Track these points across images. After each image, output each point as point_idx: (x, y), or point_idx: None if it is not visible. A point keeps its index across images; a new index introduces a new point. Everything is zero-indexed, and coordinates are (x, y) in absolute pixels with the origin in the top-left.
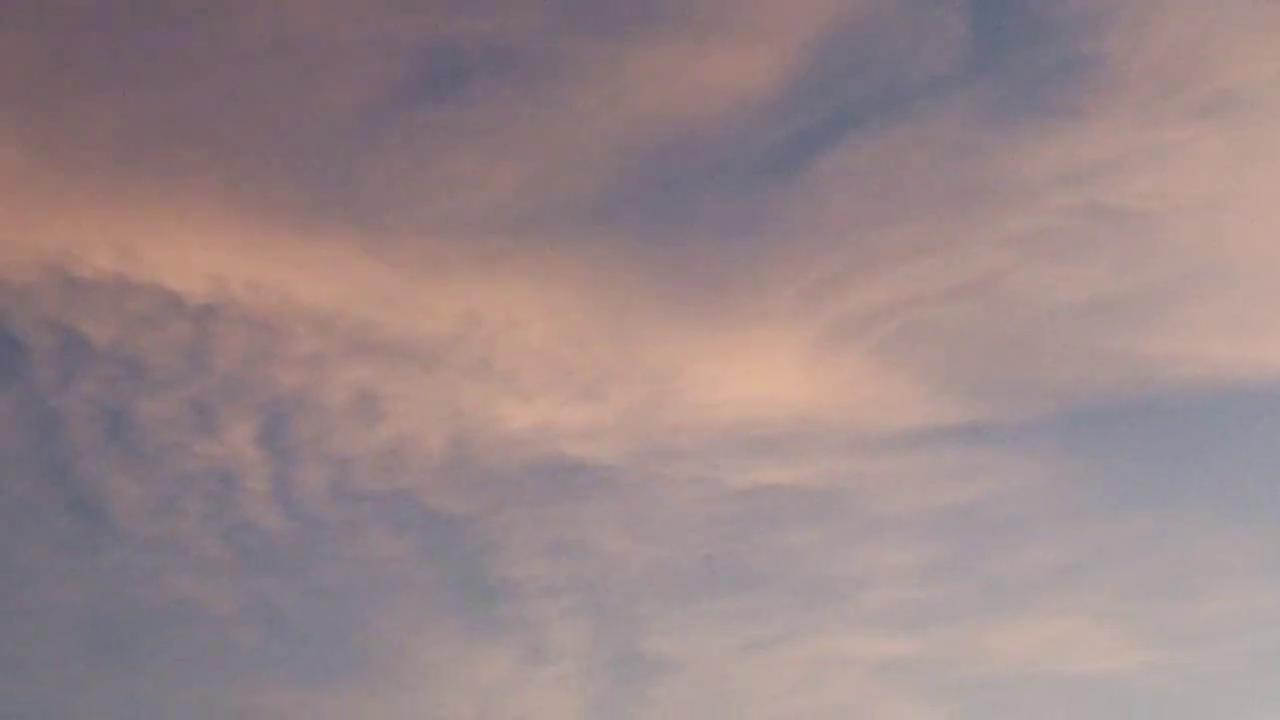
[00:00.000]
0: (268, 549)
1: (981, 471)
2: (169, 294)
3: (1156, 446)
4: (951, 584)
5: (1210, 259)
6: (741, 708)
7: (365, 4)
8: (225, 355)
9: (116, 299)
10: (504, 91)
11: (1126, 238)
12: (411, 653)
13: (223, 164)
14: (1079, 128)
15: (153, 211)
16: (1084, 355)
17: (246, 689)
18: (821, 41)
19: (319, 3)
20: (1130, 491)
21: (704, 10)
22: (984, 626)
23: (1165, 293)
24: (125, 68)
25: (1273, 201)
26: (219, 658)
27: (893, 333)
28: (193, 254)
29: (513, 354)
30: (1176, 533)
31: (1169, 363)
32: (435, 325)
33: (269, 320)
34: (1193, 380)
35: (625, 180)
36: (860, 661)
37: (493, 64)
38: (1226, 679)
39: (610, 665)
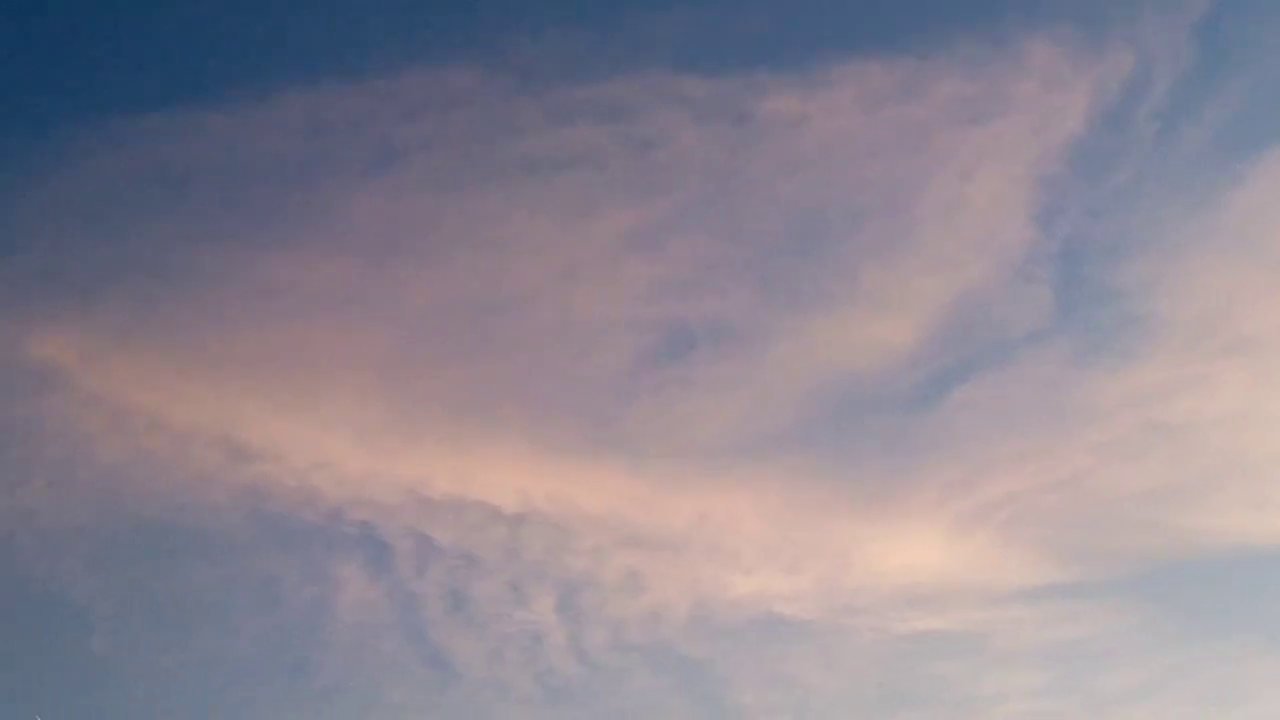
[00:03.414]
0: (566, 687)
1: (1077, 617)
2: (491, 507)
3: (1203, 596)
4: (1060, 699)
5: (1237, 458)
6: None
7: (621, 295)
8: (531, 549)
9: (455, 512)
10: (722, 353)
11: (1175, 444)
12: None
13: (526, 414)
14: (1137, 366)
15: (478, 449)
16: (1148, 530)
17: None
18: (947, 310)
19: (589, 296)
20: (1186, 629)
21: (863, 290)
22: None
23: (1204, 483)
24: (455, 348)
25: (1274, 416)
26: None
27: (1007, 517)
28: (507, 478)
29: (735, 541)
30: (1223, 656)
31: (1210, 534)
32: (680, 523)
33: (562, 523)
34: (1228, 547)
35: (811, 414)
36: None
37: (713, 334)
38: None
39: None
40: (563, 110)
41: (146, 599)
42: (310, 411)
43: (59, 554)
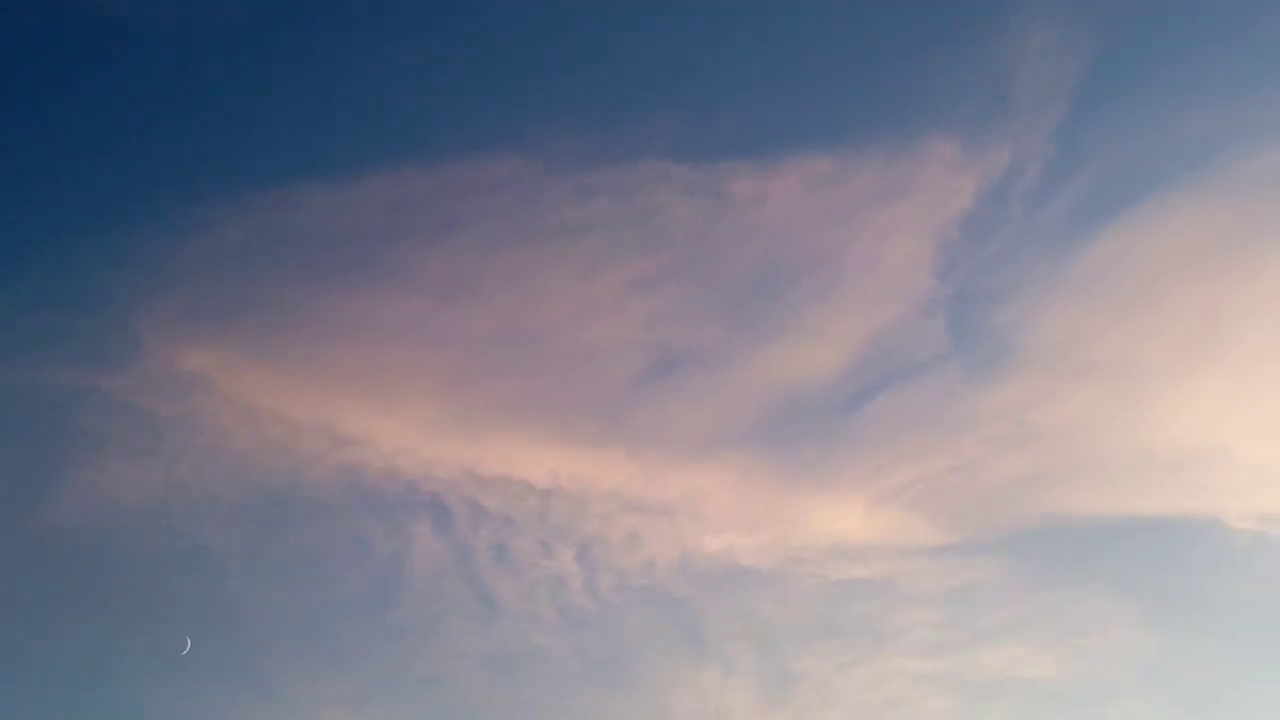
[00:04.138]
0: (582, 618)
1: (964, 569)
2: (527, 483)
3: (1057, 556)
4: (950, 632)
5: (1083, 453)
6: (838, 699)
7: (624, 327)
8: (557, 514)
9: (500, 486)
10: (699, 372)
11: (1037, 442)
12: (662, 670)
13: (553, 414)
14: (1009, 383)
15: (517, 440)
16: (1017, 506)
17: (565, 693)
18: (867, 341)
19: (600, 328)
20: (1044, 580)
21: (805, 325)
22: (973, 653)
23: (1059, 472)
24: (499, 366)
25: (1119, 423)
26: (556, 676)
27: (913, 494)
28: (539, 461)
29: (710, 509)
30: (1071, 601)
31: (1063, 509)
32: (668, 495)
33: (580, 495)
34: (1075, 519)
35: (765, 417)
36: (903, 673)
37: (693, 358)
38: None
39: (768, 677)
40: (581, 189)
41: (268, 552)
42: (392, 410)
43: (203, 518)
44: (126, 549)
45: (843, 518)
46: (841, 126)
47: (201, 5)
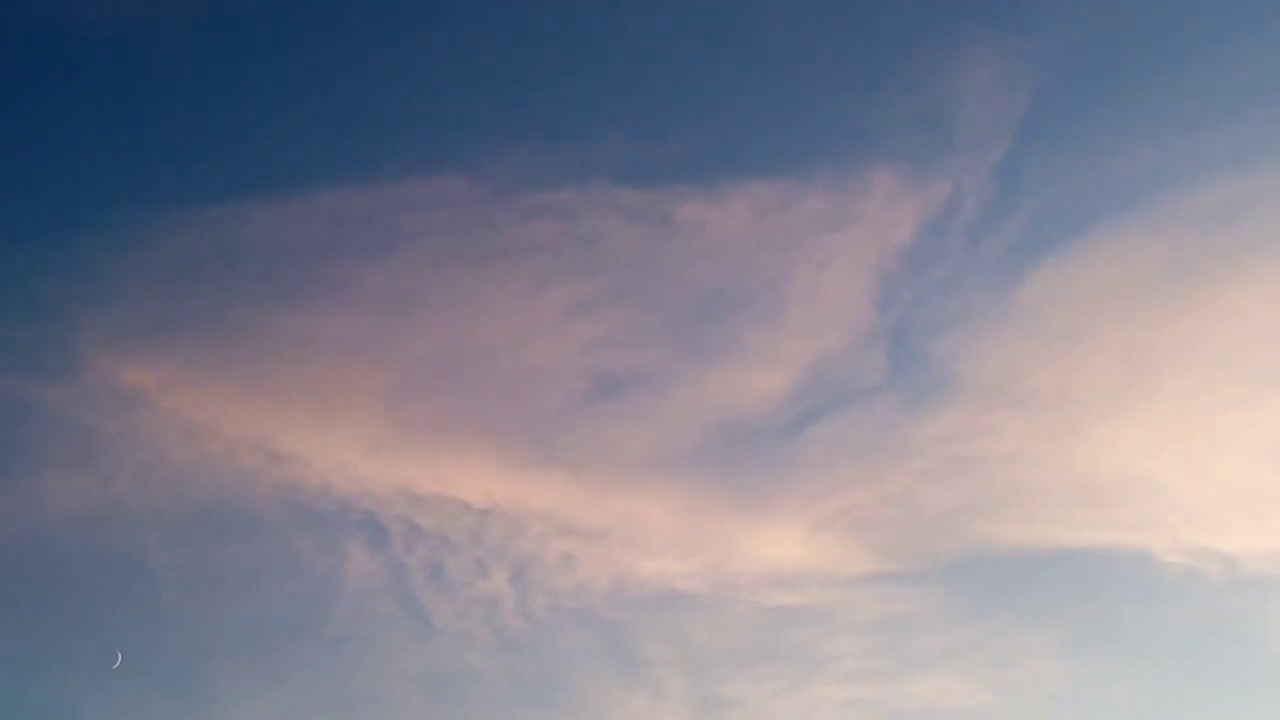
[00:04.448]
0: (515, 640)
1: (897, 598)
2: (463, 502)
3: (988, 585)
4: (882, 660)
5: (1015, 485)
6: None
7: (566, 349)
8: (492, 535)
9: (436, 505)
10: (640, 395)
11: (971, 473)
12: (593, 692)
13: (492, 435)
14: (945, 414)
15: (455, 459)
16: (950, 535)
17: (497, 713)
18: (808, 368)
19: (541, 349)
20: (974, 609)
21: (747, 351)
22: (903, 682)
23: (991, 502)
24: (440, 385)
25: (1052, 456)
26: (489, 697)
27: (849, 522)
28: (476, 481)
29: (646, 533)
30: (999, 631)
31: (994, 540)
32: (604, 519)
33: (516, 516)
34: (1006, 550)
35: (705, 441)
36: (833, 701)
37: (634, 380)
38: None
39: (699, 702)
40: (526, 211)
41: (204, 566)
42: (331, 427)
43: (140, 532)
44: (61, 561)
45: (778, 544)
46: (786, 156)
47: (147, 18)
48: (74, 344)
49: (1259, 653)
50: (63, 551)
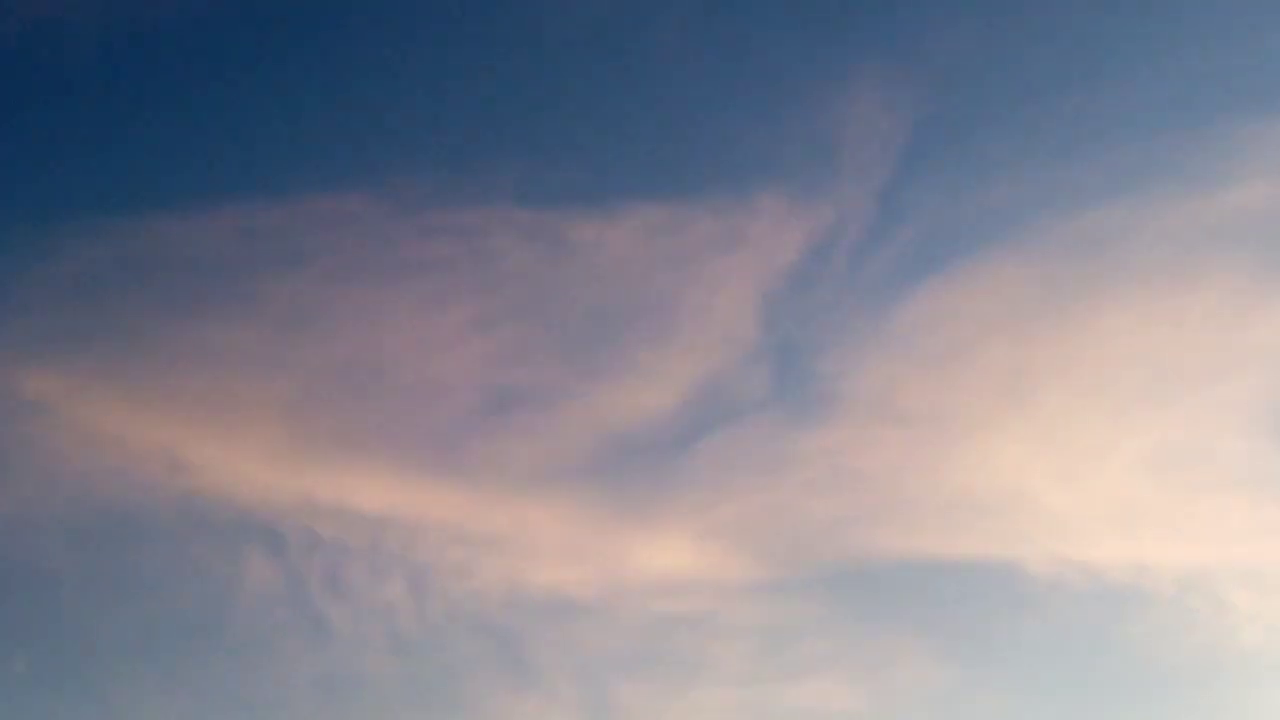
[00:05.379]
0: (411, 645)
1: (779, 605)
2: (361, 512)
3: (866, 594)
4: (764, 664)
5: (892, 498)
6: None
7: (463, 364)
8: (390, 543)
9: (335, 514)
10: (534, 409)
11: (851, 486)
12: (486, 698)
13: (391, 446)
14: (827, 428)
15: (354, 470)
16: (830, 546)
17: (391, 718)
18: (696, 385)
19: (440, 364)
20: (852, 616)
21: (637, 368)
22: (785, 686)
23: (870, 514)
24: (341, 398)
25: (928, 470)
26: (384, 701)
27: (734, 532)
28: (374, 491)
29: (539, 542)
30: (875, 637)
31: (872, 550)
32: (499, 528)
33: (413, 525)
34: (884, 560)
35: (597, 455)
36: (717, 704)
37: (529, 395)
38: (897, 709)
39: (589, 706)
40: (428, 229)
41: (103, 573)
42: (233, 437)
43: (43, 539)
44: None
45: (667, 553)
46: (678, 179)
47: (47, 28)
48: None
49: (1120, 659)
50: None
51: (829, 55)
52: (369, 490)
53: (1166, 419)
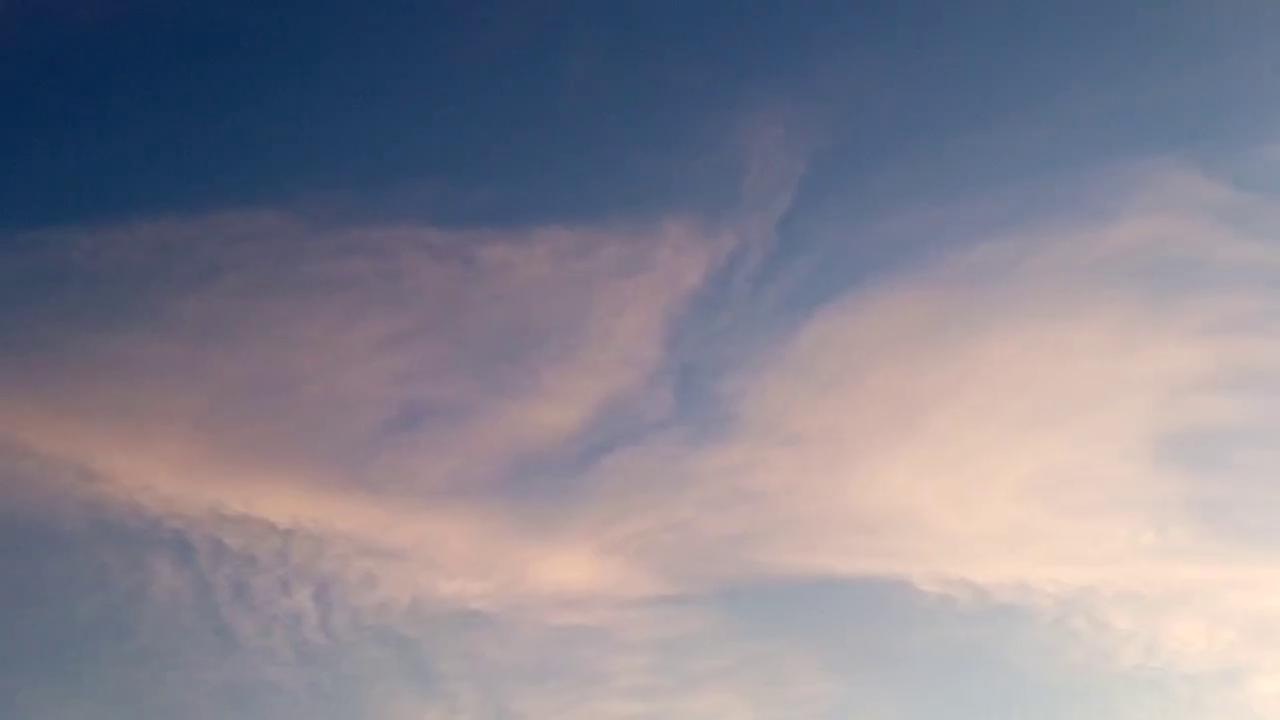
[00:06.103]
0: (316, 655)
1: (676, 619)
2: (269, 523)
3: (761, 609)
4: (661, 677)
5: (788, 516)
6: None
7: (374, 380)
8: (297, 554)
9: (243, 525)
10: (442, 425)
11: (749, 504)
12: (389, 707)
13: (300, 459)
14: (726, 448)
15: (263, 482)
16: (728, 561)
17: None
18: (600, 404)
19: (350, 379)
20: (748, 631)
21: (544, 387)
22: (680, 698)
23: (766, 532)
24: (251, 411)
25: (822, 490)
26: (288, 710)
27: (635, 548)
28: (282, 503)
29: (444, 555)
30: (771, 652)
31: (768, 567)
32: (405, 540)
33: (320, 537)
34: (779, 576)
35: (502, 471)
36: (614, 716)
37: (438, 411)
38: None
39: (490, 716)
40: (340, 247)
41: (11, 580)
42: (142, 449)
43: None
44: None
45: (568, 568)
46: (587, 204)
47: None
48: None
49: (1004, 675)
50: None
51: (734, 89)
52: (277, 502)
53: (1051, 444)
